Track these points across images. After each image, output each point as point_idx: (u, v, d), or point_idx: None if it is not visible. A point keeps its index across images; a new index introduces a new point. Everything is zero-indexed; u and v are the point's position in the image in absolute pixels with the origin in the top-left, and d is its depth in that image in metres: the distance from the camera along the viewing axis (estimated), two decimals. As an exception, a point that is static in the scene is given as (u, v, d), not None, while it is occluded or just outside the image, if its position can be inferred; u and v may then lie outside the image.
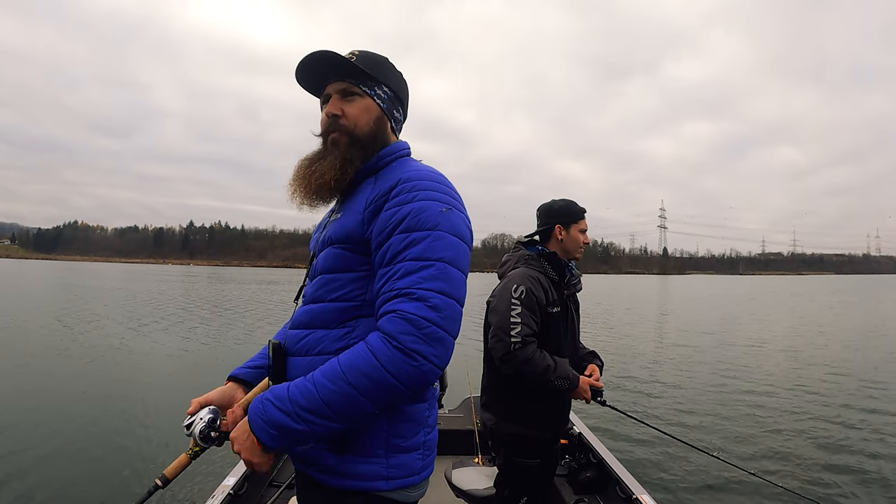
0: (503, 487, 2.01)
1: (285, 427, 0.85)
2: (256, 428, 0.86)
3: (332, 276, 1.01)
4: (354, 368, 0.84)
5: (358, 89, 1.06)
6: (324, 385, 0.85)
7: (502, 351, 1.79)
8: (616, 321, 17.31)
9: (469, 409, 3.55)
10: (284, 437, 0.85)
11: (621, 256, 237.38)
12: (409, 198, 0.94)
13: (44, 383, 6.90)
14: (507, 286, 1.88)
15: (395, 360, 0.84)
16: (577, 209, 2.05)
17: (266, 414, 0.86)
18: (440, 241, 0.91)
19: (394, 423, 0.97)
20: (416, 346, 0.84)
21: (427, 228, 0.91)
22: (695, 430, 5.50)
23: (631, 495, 2.31)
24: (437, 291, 0.87)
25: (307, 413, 0.84)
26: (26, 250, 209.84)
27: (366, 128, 1.06)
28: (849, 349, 11.45)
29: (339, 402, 0.84)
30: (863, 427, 5.66)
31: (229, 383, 1.11)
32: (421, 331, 0.85)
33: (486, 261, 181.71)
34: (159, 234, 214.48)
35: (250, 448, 0.87)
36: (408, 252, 0.90)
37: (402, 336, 0.84)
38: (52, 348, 9.42)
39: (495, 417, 1.95)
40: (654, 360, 9.76)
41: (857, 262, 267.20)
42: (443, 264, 0.90)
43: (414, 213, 0.92)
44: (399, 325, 0.85)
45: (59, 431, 5.01)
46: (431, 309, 0.86)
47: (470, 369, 4.38)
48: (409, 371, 0.84)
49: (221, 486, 2.24)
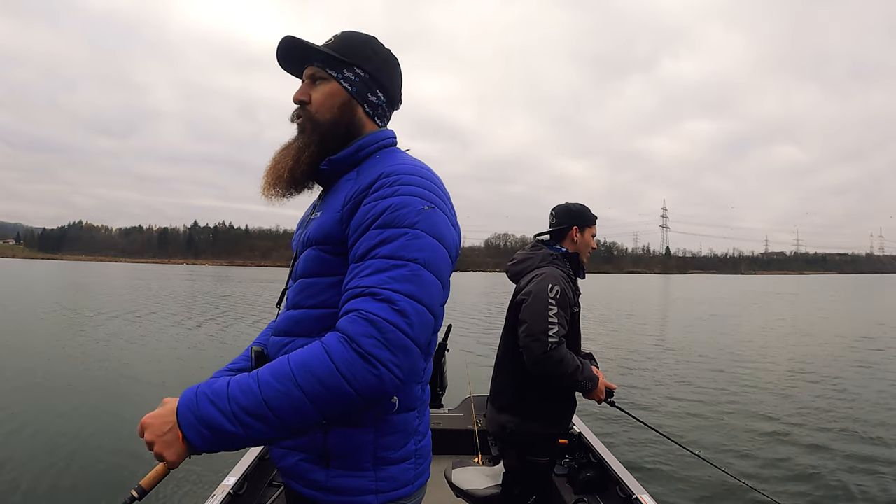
0: (513, 487, 2.01)
1: (219, 428, 0.74)
2: (185, 424, 0.75)
3: (311, 281, 0.94)
4: (306, 369, 0.75)
5: (324, 73, 1.00)
6: (269, 384, 0.75)
7: (539, 351, 1.79)
8: (613, 327, 17.26)
9: (469, 409, 3.54)
10: (216, 439, 0.75)
11: (624, 256, 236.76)
12: (388, 192, 0.87)
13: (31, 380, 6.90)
14: (542, 285, 1.87)
15: (353, 365, 0.74)
16: (591, 214, 2.12)
17: (199, 409, 0.75)
18: (417, 240, 0.83)
19: (381, 436, 0.91)
20: (375, 352, 0.75)
21: (404, 226, 0.83)
22: (695, 432, 5.49)
23: (631, 495, 2.31)
24: (406, 294, 0.79)
25: (245, 414, 0.74)
26: (32, 250, 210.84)
27: (328, 114, 0.99)
28: (855, 351, 11.38)
29: (282, 405, 0.74)
30: (862, 438, 5.61)
31: None
32: (384, 335, 0.76)
33: (489, 260, 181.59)
34: (164, 234, 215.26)
35: (170, 443, 0.75)
36: (380, 249, 0.83)
37: (362, 339, 0.75)
38: (50, 348, 9.47)
39: (518, 418, 1.93)
40: (654, 361, 9.74)
41: (860, 262, 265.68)
42: (417, 266, 0.82)
43: (392, 209, 0.85)
44: (360, 327, 0.76)
45: (41, 432, 4.91)
46: (397, 313, 0.78)
47: (470, 369, 4.38)
48: (367, 379, 0.75)
49: (221, 486, 2.24)
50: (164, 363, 8.46)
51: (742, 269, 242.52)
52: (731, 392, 7.24)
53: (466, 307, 20.86)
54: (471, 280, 65.88)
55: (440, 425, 3.36)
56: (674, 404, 6.55)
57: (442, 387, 3.81)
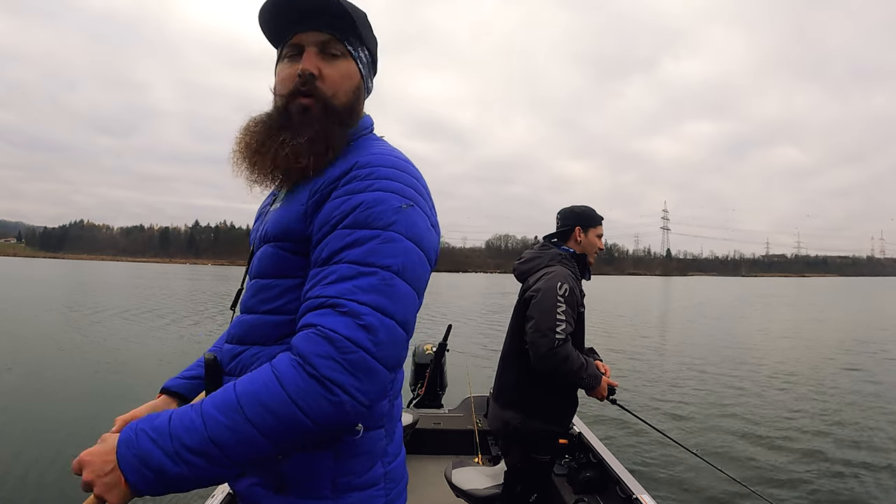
0: (514, 486, 2.02)
1: (162, 469, 0.64)
2: (126, 465, 0.65)
3: (268, 282, 0.81)
4: (254, 398, 0.65)
5: (342, 47, 0.83)
6: (213, 418, 0.65)
7: (546, 347, 1.81)
8: (613, 327, 17.25)
9: (469, 408, 3.54)
10: (160, 480, 0.65)
11: (625, 257, 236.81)
12: (361, 186, 0.75)
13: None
14: (551, 283, 1.90)
15: (306, 392, 0.64)
16: (596, 215, 2.15)
17: (140, 448, 0.65)
18: (391, 244, 0.71)
19: (341, 460, 0.79)
20: (333, 376, 0.65)
21: (377, 227, 0.72)
22: (696, 434, 5.48)
23: (631, 495, 2.31)
24: (374, 307, 0.68)
25: (189, 453, 0.64)
26: (33, 249, 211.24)
27: (345, 98, 0.84)
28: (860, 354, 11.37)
29: (230, 441, 0.64)
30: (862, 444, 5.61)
31: (162, 397, 0.94)
32: (343, 356, 0.66)
33: (490, 261, 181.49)
34: (165, 233, 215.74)
35: (110, 485, 0.65)
36: (348, 252, 0.71)
37: (317, 360, 0.65)
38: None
39: (521, 415, 1.95)
40: (654, 361, 9.73)
41: (861, 265, 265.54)
42: (389, 274, 0.70)
43: (365, 206, 0.73)
44: (316, 346, 0.66)
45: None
46: (362, 329, 0.67)
47: (470, 369, 4.39)
48: (322, 407, 0.65)
49: (221, 487, 2.24)
50: (164, 360, 8.47)
51: (743, 271, 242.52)
52: (730, 393, 7.23)
53: (467, 307, 20.87)
54: (471, 281, 65.92)
55: (440, 425, 3.36)
56: (673, 405, 6.55)
57: (442, 387, 3.82)
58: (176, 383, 0.96)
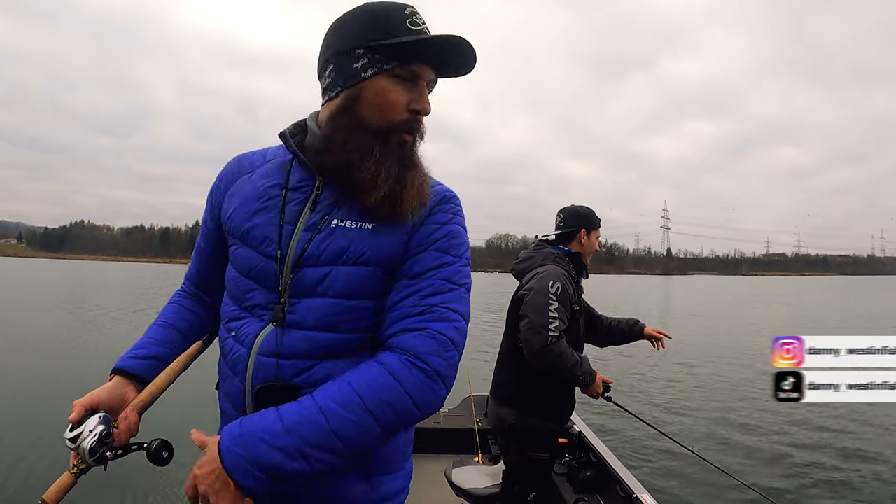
0: (513, 484, 2.03)
1: (277, 467, 0.71)
2: (237, 470, 0.71)
3: (358, 304, 0.84)
4: (375, 394, 0.74)
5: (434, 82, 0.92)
6: (337, 414, 0.72)
7: (539, 344, 1.82)
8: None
9: (469, 408, 3.55)
10: (272, 478, 0.71)
11: (625, 257, 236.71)
12: (447, 218, 0.90)
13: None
14: (543, 281, 1.92)
15: (421, 385, 0.76)
16: (598, 218, 2.17)
17: (252, 452, 0.71)
18: (466, 268, 0.88)
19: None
20: (441, 370, 0.78)
21: (457, 255, 0.88)
22: (696, 434, 5.48)
23: (631, 494, 2.31)
24: (462, 315, 0.83)
25: (311, 448, 0.71)
26: (33, 249, 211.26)
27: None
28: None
29: (352, 433, 0.73)
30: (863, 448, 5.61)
31: (116, 378, 0.91)
32: (446, 352, 0.79)
33: (490, 261, 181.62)
34: (165, 233, 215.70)
35: (222, 492, 0.71)
36: (438, 272, 0.84)
37: (433, 358, 0.77)
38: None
39: (516, 412, 1.97)
40: (653, 362, 9.73)
41: (861, 263, 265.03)
42: (465, 290, 0.86)
43: (450, 236, 0.88)
44: (430, 346, 0.78)
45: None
46: (457, 332, 0.81)
47: (470, 369, 4.39)
48: (430, 397, 0.77)
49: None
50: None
51: (743, 270, 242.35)
52: (730, 393, 7.23)
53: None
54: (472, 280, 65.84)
55: (440, 425, 3.37)
56: (673, 404, 6.55)
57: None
58: (130, 364, 0.92)
